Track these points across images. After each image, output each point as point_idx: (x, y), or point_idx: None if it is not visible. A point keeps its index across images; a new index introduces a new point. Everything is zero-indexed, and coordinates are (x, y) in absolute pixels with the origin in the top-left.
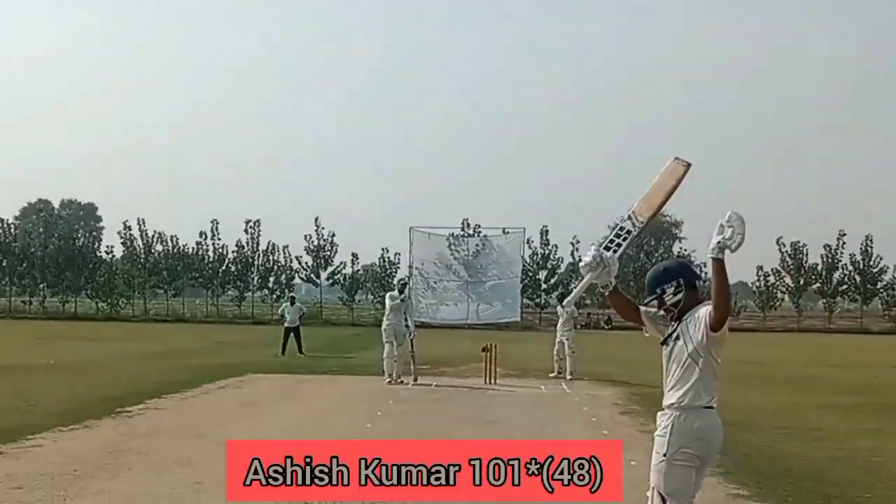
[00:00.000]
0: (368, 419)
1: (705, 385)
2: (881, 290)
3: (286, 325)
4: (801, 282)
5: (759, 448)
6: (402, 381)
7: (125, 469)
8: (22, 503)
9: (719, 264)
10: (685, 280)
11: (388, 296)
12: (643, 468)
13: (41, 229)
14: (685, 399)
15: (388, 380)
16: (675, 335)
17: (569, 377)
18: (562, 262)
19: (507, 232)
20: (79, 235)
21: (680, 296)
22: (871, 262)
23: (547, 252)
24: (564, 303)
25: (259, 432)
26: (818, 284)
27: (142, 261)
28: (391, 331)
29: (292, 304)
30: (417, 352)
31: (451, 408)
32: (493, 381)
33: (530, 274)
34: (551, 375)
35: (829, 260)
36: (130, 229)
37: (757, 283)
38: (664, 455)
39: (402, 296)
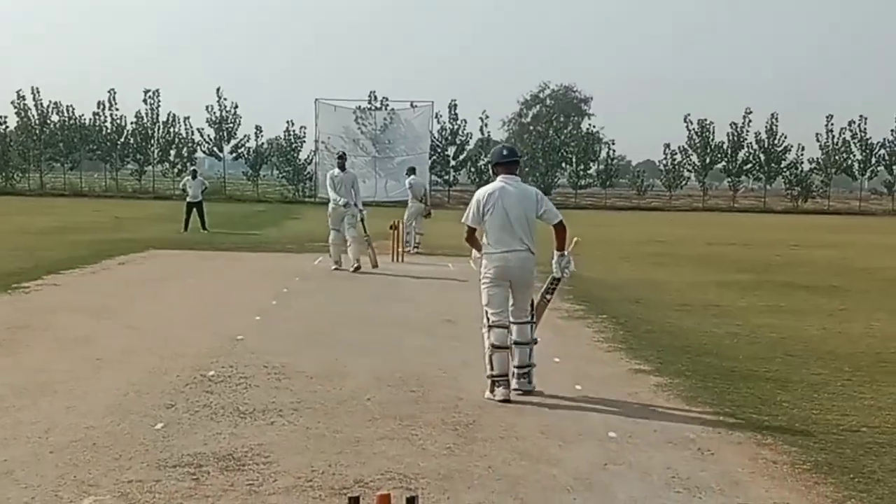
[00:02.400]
0: (273, 296)
1: None
2: (784, 170)
3: (188, 199)
4: (707, 160)
5: (661, 324)
6: (357, 267)
7: (23, 345)
8: None
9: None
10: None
11: (328, 176)
12: (546, 344)
13: None
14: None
15: (334, 266)
16: None
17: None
18: (471, 137)
19: (416, 105)
20: None
21: None
22: (776, 141)
23: (456, 127)
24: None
25: (160, 310)
26: (724, 163)
27: (37, 132)
28: (337, 215)
29: (194, 177)
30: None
31: (361, 285)
32: (400, 259)
33: (439, 150)
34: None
35: (735, 138)
36: (24, 99)
37: (664, 162)
38: None
39: (345, 172)
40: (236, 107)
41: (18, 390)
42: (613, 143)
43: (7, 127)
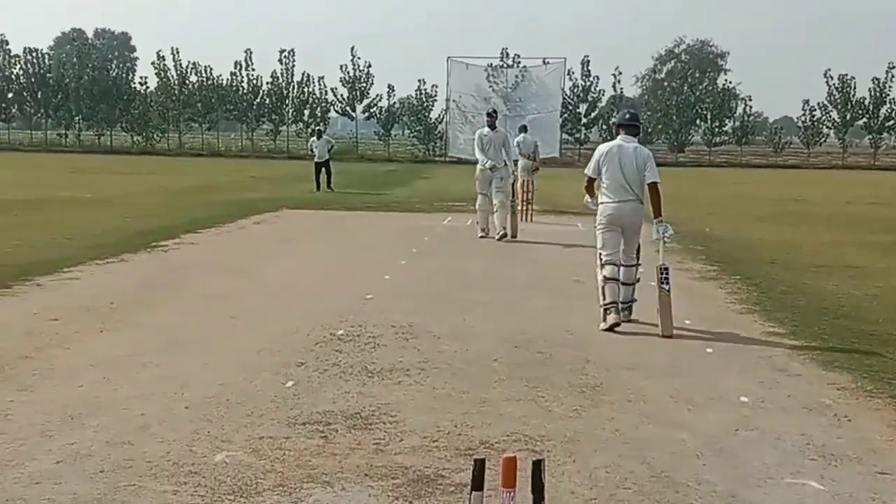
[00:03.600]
0: (403, 256)
1: None
2: None
3: (315, 160)
4: (848, 117)
5: (797, 286)
6: (503, 235)
7: (161, 303)
8: (59, 334)
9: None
10: None
11: (476, 135)
12: (678, 305)
13: (75, 59)
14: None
15: (481, 234)
16: None
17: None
18: (603, 94)
19: (548, 62)
20: (113, 66)
21: None
22: None
23: (588, 84)
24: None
25: (292, 268)
26: (865, 120)
27: (176, 93)
28: (484, 178)
29: (319, 137)
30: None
31: (488, 246)
32: (529, 219)
33: (570, 107)
34: None
35: (878, 94)
36: (164, 60)
37: (802, 118)
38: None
39: (495, 131)
40: (369, 66)
41: (156, 347)
42: (750, 100)
43: (148, 87)
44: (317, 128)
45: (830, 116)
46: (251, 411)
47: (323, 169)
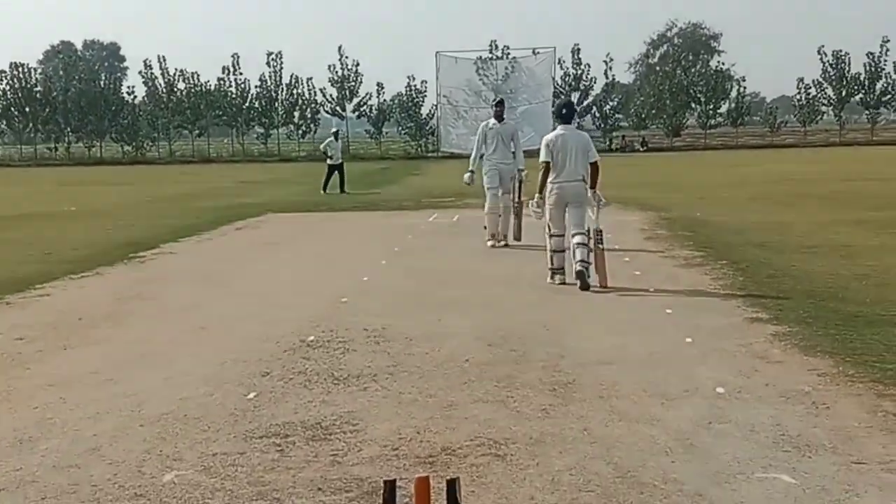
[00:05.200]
0: (383, 256)
1: None
2: None
3: (330, 162)
4: (844, 93)
5: (785, 268)
6: (504, 244)
7: (129, 316)
8: (22, 354)
9: None
10: None
11: (480, 128)
12: (659, 295)
13: (62, 72)
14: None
15: (490, 241)
16: None
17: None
18: (595, 81)
19: (537, 52)
20: (101, 77)
21: None
22: None
23: (579, 72)
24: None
25: (269, 274)
26: (861, 95)
27: (164, 100)
28: (495, 173)
29: (336, 138)
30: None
31: (470, 241)
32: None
33: (562, 96)
34: None
35: (873, 69)
36: (151, 68)
37: (798, 97)
38: None
39: (502, 123)
40: (357, 64)
41: (118, 363)
42: (744, 80)
43: (136, 97)
44: (334, 129)
45: (826, 94)
46: (208, 426)
47: (336, 171)
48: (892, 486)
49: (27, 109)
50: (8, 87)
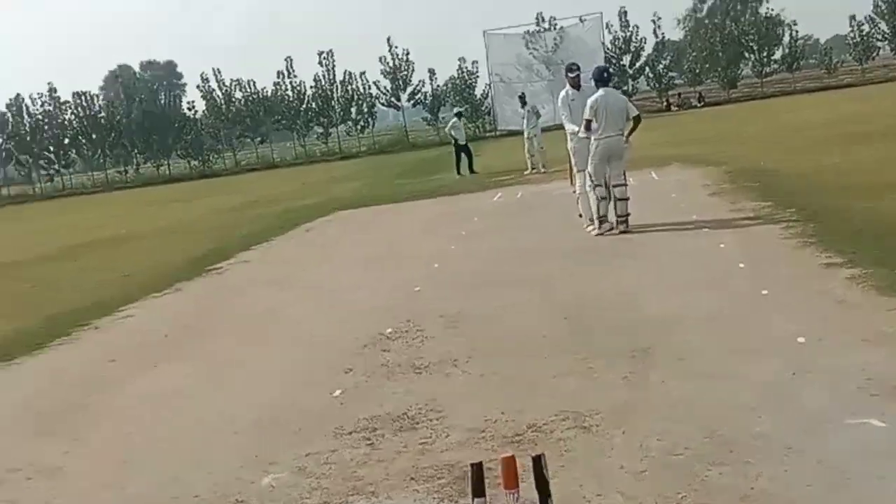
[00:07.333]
0: (452, 241)
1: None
2: None
3: (456, 143)
4: None
5: (855, 211)
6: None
7: (212, 328)
8: (116, 375)
9: None
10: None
11: (559, 99)
12: (731, 249)
13: (122, 96)
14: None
15: (590, 228)
16: None
17: (542, 170)
18: (645, 42)
19: (584, 20)
20: (161, 96)
21: None
22: None
23: (628, 35)
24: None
25: (342, 271)
26: None
27: (224, 111)
28: (583, 150)
29: (459, 118)
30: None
31: (536, 216)
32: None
33: (613, 61)
34: (526, 173)
35: None
36: (208, 81)
37: (851, 35)
38: None
39: (580, 90)
40: (408, 53)
41: (206, 375)
42: (795, 24)
43: (196, 112)
44: (457, 110)
45: (879, 28)
46: (299, 428)
47: (463, 152)
48: None
49: (94, 136)
50: (73, 117)
